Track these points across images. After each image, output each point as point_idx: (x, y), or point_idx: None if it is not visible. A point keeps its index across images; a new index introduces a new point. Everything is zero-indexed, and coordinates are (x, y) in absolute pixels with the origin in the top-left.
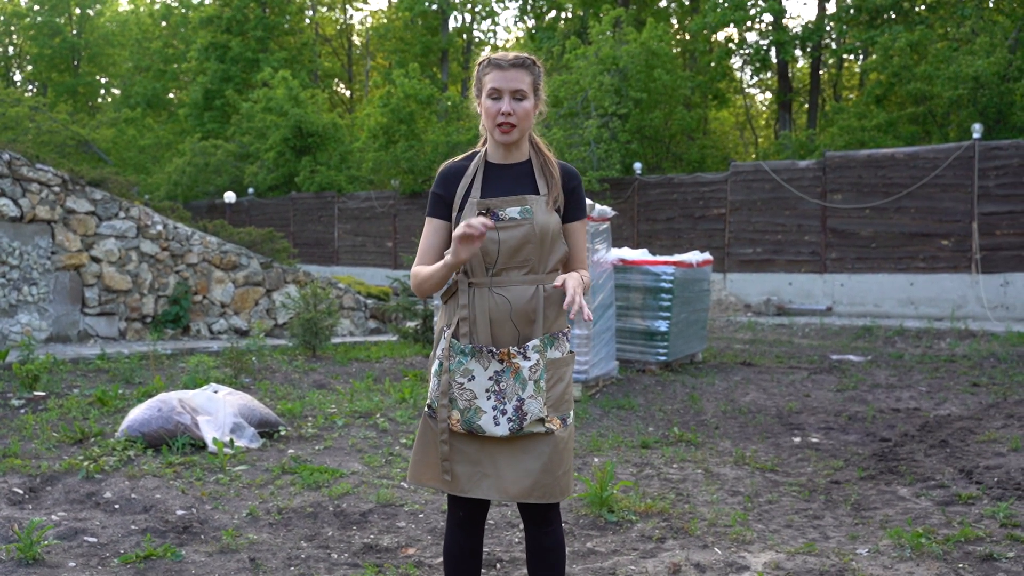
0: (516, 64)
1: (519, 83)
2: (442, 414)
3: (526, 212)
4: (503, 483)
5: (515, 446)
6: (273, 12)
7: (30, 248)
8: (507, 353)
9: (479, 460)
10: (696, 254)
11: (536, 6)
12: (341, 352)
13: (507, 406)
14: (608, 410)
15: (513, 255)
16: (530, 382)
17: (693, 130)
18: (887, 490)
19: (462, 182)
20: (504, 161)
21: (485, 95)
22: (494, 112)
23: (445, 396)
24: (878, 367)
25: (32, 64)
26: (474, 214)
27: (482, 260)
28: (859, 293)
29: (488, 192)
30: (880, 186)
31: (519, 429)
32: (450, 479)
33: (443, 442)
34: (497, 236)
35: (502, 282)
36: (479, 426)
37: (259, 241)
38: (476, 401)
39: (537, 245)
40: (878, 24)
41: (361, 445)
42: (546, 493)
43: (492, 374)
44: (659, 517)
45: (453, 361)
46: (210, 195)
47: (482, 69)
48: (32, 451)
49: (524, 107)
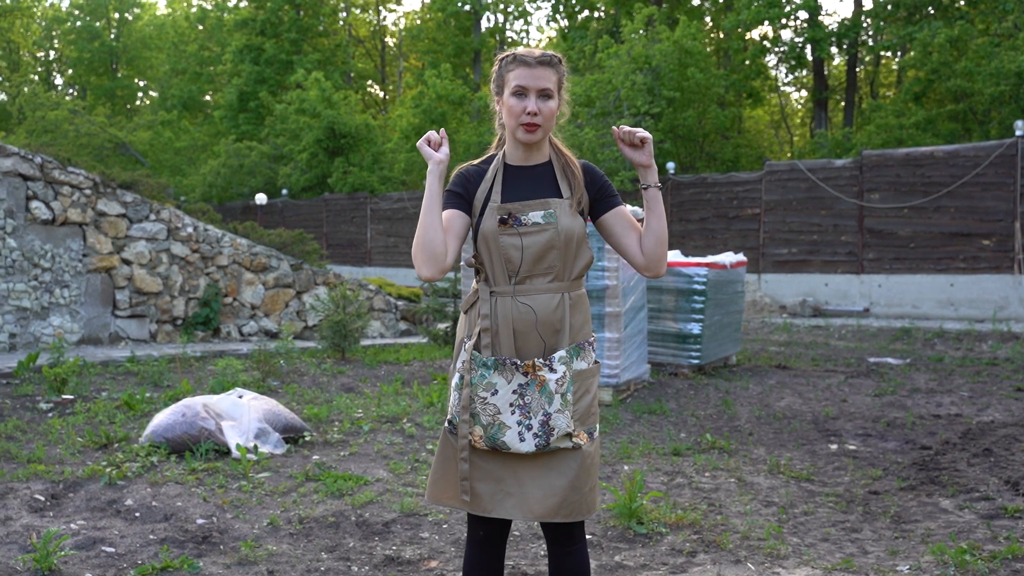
0: (543, 62)
1: (546, 81)
2: (463, 430)
3: (549, 216)
4: (528, 502)
5: (540, 463)
6: (307, 14)
7: (62, 251)
8: (532, 365)
9: (502, 478)
10: (730, 255)
11: (568, 5)
12: (371, 354)
13: (533, 421)
14: (639, 415)
15: (537, 262)
16: (557, 395)
17: (727, 129)
18: (928, 502)
19: (482, 185)
20: (524, 163)
21: (509, 92)
22: (519, 111)
23: (466, 411)
24: (917, 370)
25: (72, 68)
26: (495, 219)
27: (504, 268)
28: (897, 294)
29: (509, 196)
30: (919, 185)
31: (545, 445)
32: (470, 499)
33: (463, 460)
34: (520, 242)
35: (526, 290)
36: (503, 442)
37: (289, 243)
38: (500, 416)
39: (562, 251)
40: (916, 20)
41: (387, 451)
42: (573, 511)
43: (516, 387)
44: (690, 529)
45: (475, 374)
46: (244, 196)
47: (505, 65)
48: (56, 456)
49: (550, 107)
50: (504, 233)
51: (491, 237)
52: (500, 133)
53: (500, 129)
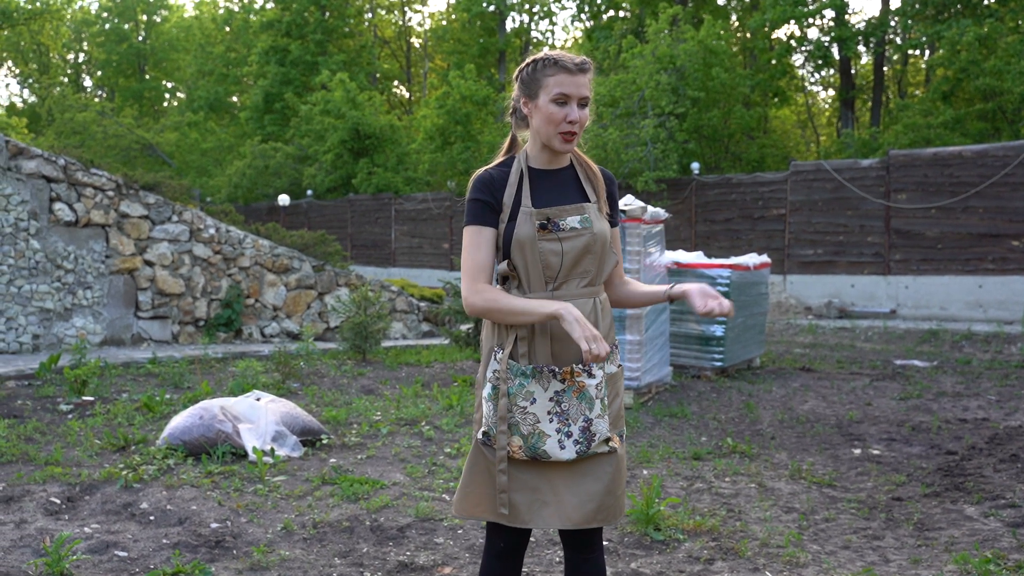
0: (584, 69)
1: (586, 89)
2: (501, 441)
3: (585, 221)
4: (565, 509)
5: (575, 469)
6: (333, 15)
7: (85, 252)
8: (570, 371)
9: (537, 487)
10: (753, 256)
11: (593, 5)
12: (392, 356)
13: (572, 428)
14: (660, 418)
15: (574, 266)
16: (597, 400)
17: (753, 129)
18: (953, 508)
19: (507, 190)
20: (549, 166)
21: (548, 99)
22: (560, 118)
23: (504, 422)
24: (944, 373)
25: (100, 70)
26: (532, 225)
27: (542, 273)
28: (925, 295)
29: (539, 201)
30: (947, 185)
31: (586, 451)
32: (508, 511)
33: (501, 472)
34: (560, 248)
35: (562, 296)
36: (544, 451)
37: (311, 244)
38: (539, 425)
39: (598, 255)
40: (944, 18)
41: (404, 455)
42: (609, 515)
43: (552, 395)
44: (708, 536)
45: (512, 384)
46: (270, 197)
47: (542, 68)
48: (74, 459)
49: (586, 115)
50: (544, 239)
51: (528, 243)
52: (512, 133)
53: (519, 131)
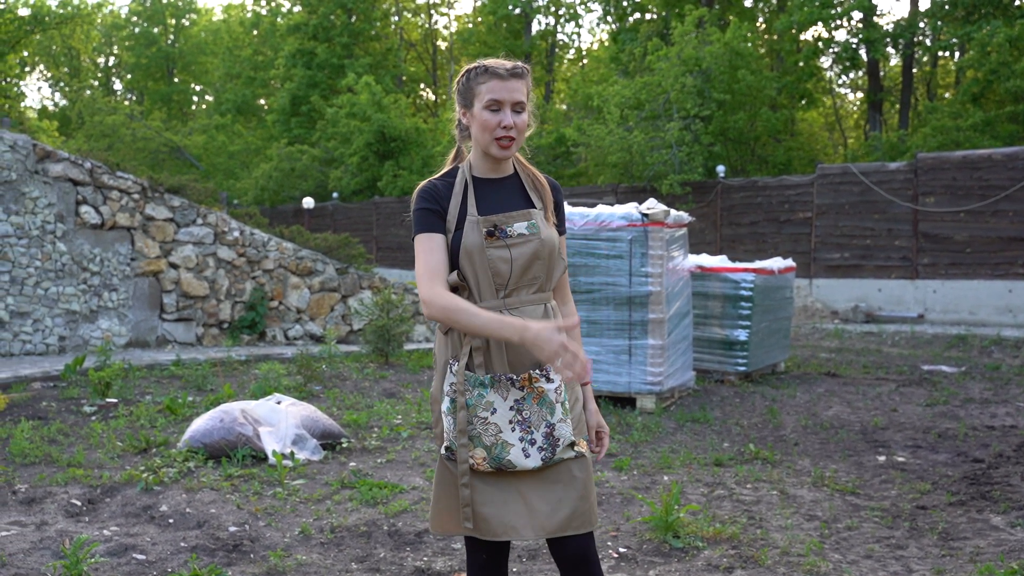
0: (516, 74)
1: (519, 94)
2: (462, 455)
3: (533, 227)
4: (537, 519)
5: (544, 477)
6: (359, 19)
7: (110, 255)
8: (528, 378)
9: (506, 499)
10: (778, 260)
11: (619, 8)
12: (414, 359)
13: (535, 435)
14: (682, 424)
15: (524, 273)
16: (557, 404)
17: (779, 132)
18: (979, 518)
19: (452, 200)
20: (492, 175)
21: (482, 106)
22: (494, 125)
23: (464, 434)
24: (972, 379)
25: (130, 73)
26: (479, 232)
27: (492, 282)
28: (953, 300)
29: (485, 209)
30: (976, 188)
31: (551, 457)
32: (472, 525)
33: (464, 485)
34: (509, 254)
35: (514, 303)
36: (509, 461)
37: (335, 247)
38: (502, 435)
39: (546, 261)
40: (975, 19)
41: (424, 459)
42: (584, 522)
43: (512, 403)
44: (728, 544)
45: (471, 395)
46: (296, 200)
47: (475, 77)
48: (96, 461)
49: (523, 120)
50: (491, 246)
51: (476, 251)
52: (458, 145)
53: (460, 141)
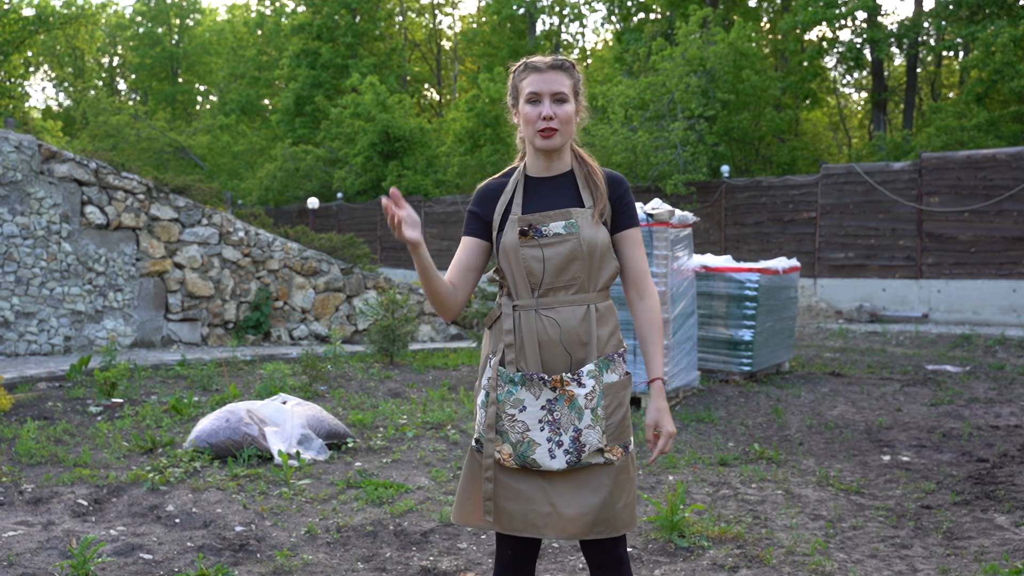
0: (554, 66)
1: (559, 85)
2: (488, 448)
3: (571, 227)
4: (560, 520)
5: (572, 479)
6: (363, 19)
7: (115, 255)
8: (559, 380)
9: (532, 496)
10: (783, 260)
11: (623, 8)
12: (419, 359)
13: (563, 437)
14: (687, 423)
15: (560, 273)
16: (587, 411)
17: (783, 132)
18: (983, 517)
19: (501, 199)
20: (545, 174)
21: (523, 100)
22: (534, 117)
23: (492, 429)
24: (977, 379)
25: (134, 73)
26: (515, 232)
27: (527, 280)
28: (957, 300)
29: (530, 207)
30: (980, 188)
31: (576, 461)
32: (494, 519)
33: (487, 479)
34: (542, 254)
35: (549, 303)
36: (534, 460)
37: (340, 247)
38: (529, 433)
39: (585, 262)
40: (979, 19)
41: (430, 458)
42: (608, 528)
43: (544, 403)
44: (733, 543)
45: (502, 391)
46: (300, 200)
47: (518, 75)
48: (102, 460)
49: (566, 110)
50: (525, 245)
51: (511, 250)
52: (521, 147)
53: (521, 143)
